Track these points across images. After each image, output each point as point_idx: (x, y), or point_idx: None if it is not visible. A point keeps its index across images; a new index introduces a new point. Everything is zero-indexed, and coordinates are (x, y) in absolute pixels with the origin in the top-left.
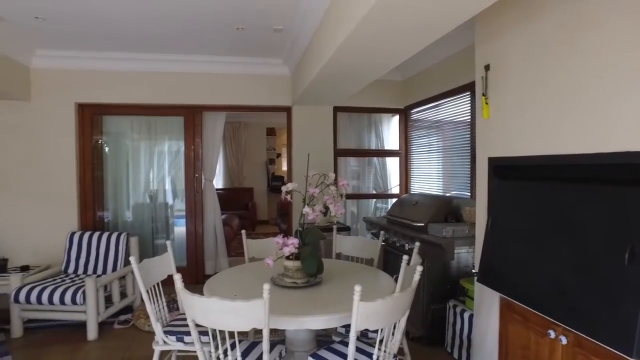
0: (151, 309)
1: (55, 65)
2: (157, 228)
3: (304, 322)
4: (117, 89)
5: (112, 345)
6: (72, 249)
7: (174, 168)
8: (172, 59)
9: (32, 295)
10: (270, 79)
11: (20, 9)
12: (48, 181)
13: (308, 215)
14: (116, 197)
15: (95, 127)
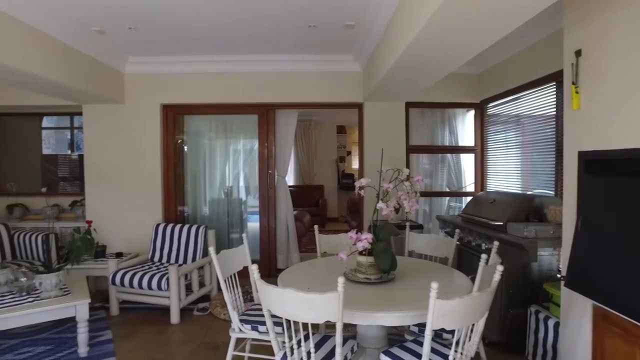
0: (228, 298)
1: (144, 70)
2: (231, 223)
3: (377, 318)
4: (197, 90)
5: (191, 330)
6: (157, 239)
7: (248, 165)
8: (246, 60)
9: (125, 279)
10: (341, 75)
11: (117, 22)
12: (138, 177)
13: (382, 210)
14: (195, 192)
15: (177, 126)
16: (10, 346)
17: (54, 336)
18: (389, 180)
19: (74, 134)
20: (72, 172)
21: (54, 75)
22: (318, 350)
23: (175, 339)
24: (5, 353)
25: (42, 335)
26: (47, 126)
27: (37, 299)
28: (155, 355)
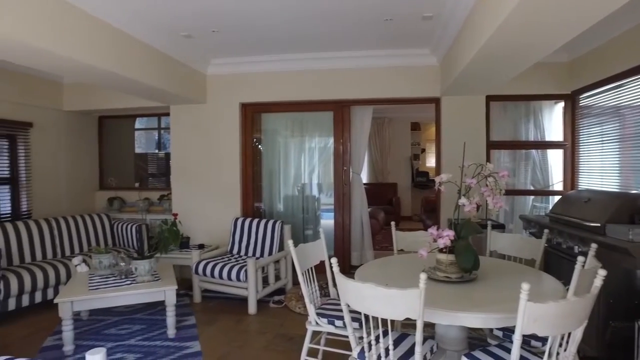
0: (306, 291)
1: (225, 71)
2: (306, 219)
3: (460, 318)
4: (274, 88)
5: (268, 321)
6: (236, 232)
7: (322, 163)
8: (322, 57)
9: (207, 269)
10: (418, 70)
11: (202, 26)
12: (219, 173)
13: (464, 206)
14: (270, 189)
15: (254, 125)
16: (113, 322)
17: (146, 317)
18: (472, 176)
19: (161, 134)
20: (159, 169)
21: (150, 80)
22: (397, 348)
23: (252, 329)
24: (110, 327)
25: (137, 316)
26: (139, 127)
27: (134, 283)
28: (234, 343)
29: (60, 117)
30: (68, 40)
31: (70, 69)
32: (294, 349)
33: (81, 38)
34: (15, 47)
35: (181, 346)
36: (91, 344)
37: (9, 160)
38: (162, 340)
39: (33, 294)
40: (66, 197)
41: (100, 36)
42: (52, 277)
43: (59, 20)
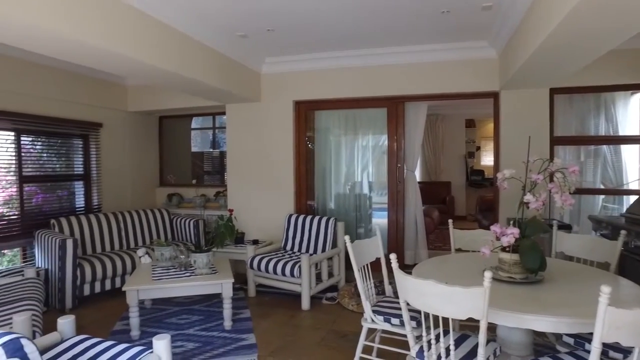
0: (362, 287)
1: (279, 69)
2: (357, 217)
3: (527, 320)
4: (327, 86)
5: (321, 317)
6: (290, 229)
7: (375, 160)
8: (375, 53)
9: (261, 264)
10: (475, 63)
11: (257, 26)
12: (273, 170)
13: (530, 203)
14: (323, 186)
15: (307, 122)
16: (174, 312)
17: (204, 309)
18: (538, 172)
19: (215, 133)
20: (213, 167)
21: (209, 79)
22: (457, 348)
23: (306, 324)
24: (170, 317)
25: (195, 307)
26: (195, 127)
27: (193, 275)
28: (288, 337)
29: (125, 118)
30: (139, 45)
31: (139, 71)
32: (347, 346)
33: (149, 42)
34: (92, 52)
35: (237, 338)
36: (154, 331)
37: (82, 158)
38: (219, 331)
39: (104, 282)
40: (130, 192)
41: (165, 39)
42: (119, 266)
43: (132, 26)
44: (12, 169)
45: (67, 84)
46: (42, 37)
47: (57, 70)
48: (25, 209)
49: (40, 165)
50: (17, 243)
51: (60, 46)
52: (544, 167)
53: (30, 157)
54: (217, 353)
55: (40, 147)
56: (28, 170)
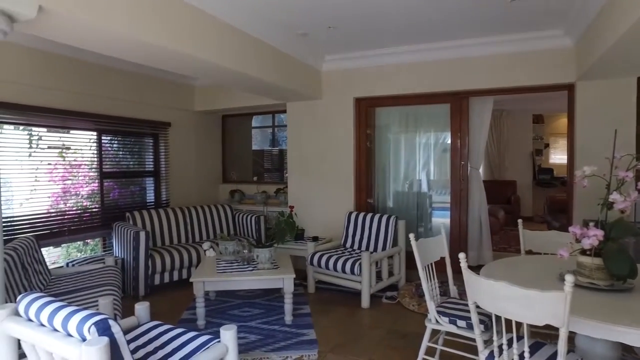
0: (426, 287)
1: (339, 66)
2: (418, 216)
3: (618, 333)
4: (388, 82)
5: (380, 316)
6: (350, 226)
7: (435, 158)
8: (437, 47)
9: (322, 260)
10: (546, 54)
11: (318, 23)
12: (333, 168)
13: (616, 203)
14: (382, 184)
15: (367, 120)
16: (236, 304)
17: (265, 303)
18: (627, 169)
19: (275, 131)
20: (273, 164)
21: (271, 78)
22: (532, 356)
23: (365, 322)
24: (233, 309)
25: (256, 301)
26: (255, 125)
27: (255, 269)
28: (348, 334)
29: (191, 117)
30: (204, 45)
31: (205, 70)
32: (408, 347)
33: (214, 42)
34: (159, 53)
35: (298, 332)
36: (219, 321)
37: (153, 156)
38: (280, 325)
39: (172, 272)
40: (195, 188)
41: (230, 39)
42: (186, 259)
43: (197, 27)
44: (94, 166)
45: (140, 86)
46: (115, 41)
47: (131, 74)
48: (105, 203)
49: (116, 162)
50: (98, 233)
51: (130, 49)
52: (633, 164)
53: (108, 155)
54: (278, 346)
55: (117, 145)
56: (107, 167)
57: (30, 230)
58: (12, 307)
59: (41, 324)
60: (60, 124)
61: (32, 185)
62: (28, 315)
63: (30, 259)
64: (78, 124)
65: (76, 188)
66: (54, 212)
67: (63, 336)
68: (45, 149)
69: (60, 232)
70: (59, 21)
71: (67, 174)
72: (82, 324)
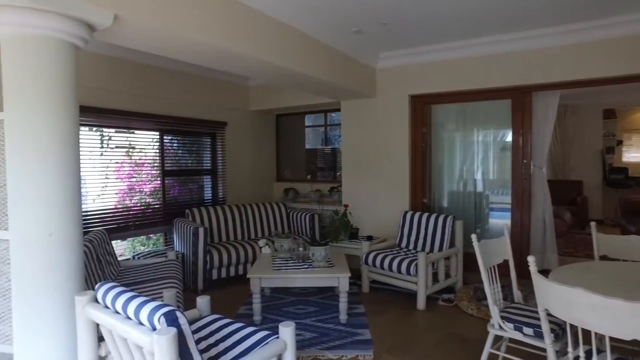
0: (489, 291)
1: (394, 63)
2: (476, 217)
3: None
4: (444, 78)
5: (437, 318)
6: (405, 226)
7: (494, 157)
8: (500, 40)
9: (377, 260)
10: (624, 41)
11: (372, 20)
12: (388, 167)
13: None
14: (438, 183)
15: (423, 117)
16: (290, 301)
17: (319, 301)
18: None
19: (327, 130)
20: (326, 163)
21: (326, 76)
22: None
23: (421, 324)
24: (288, 306)
25: (311, 298)
26: (307, 124)
27: (310, 267)
28: (403, 336)
29: (246, 116)
30: (262, 45)
31: (259, 69)
32: (467, 351)
33: (271, 42)
34: (217, 54)
35: (352, 332)
36: (274, 317)
37: (210, 155)
38: (334, 324)
39: (228, 268)
40: (250, 186)
41: (286, 39)
42: (242, 255)
43: (256, 28)
44: (157, 164)
45: (198, 87)
46: (182, 45)
47: (190, 76)
48: (166, 200)
49: (176, 161)
50: (160, 229)
51: (195, 52)
52: None
53: (169, 154)
54: (333, 345)
55: (177, 145)
56: (168, 165)
57: (100, 224)
58: (91, 295)
59: (116, 312)
60: (127, 124)
61: (103, 183)
62: (105, 302)
63: (103, 251)
64: (142, 124)
65: (140, 185)
66: (121, 207)
67: (135, 324)
68: (113, 148)
69: (126, 227)
70: (132, 28)
71: (132, 172)
72: (153, 314)
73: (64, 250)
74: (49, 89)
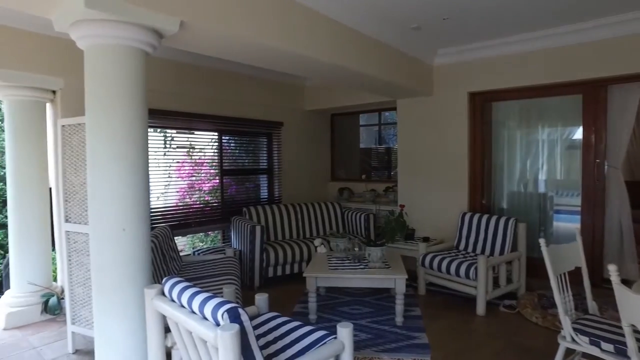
0: (559, 299)
1: (452, 60)
2: (540, 219)
3: None
4: (506, 74)
5: (498, 326)
6: (464, 227)
7: (563, 155)
8: (568, 31)
9: (434, 262)
10: None
11: (432, 15)
12: (445, 166)
13: None
14: (498, 184)
15: (483, 115)
16: (345, 301)
17: (374, 302)
18: None
19: (381, 129)
20: (380, 162)
21: (383, 74)
22: None
23: (482, 331)
24: (342, 306)
25: (366, 299)
26: (361, 124)
27: (366, 268)
28: (463, 342)
29: (302, 116)
30: (319, 45)
31: (318, 70)
32: None
33: (328, 41)
34: (272, 54)
35: (409, 335)
36: (329, 317)
37: (266, 154)
38: (390, 326)
39: (284, 266)
40: (305, 186)
41: (342, 38)
42: (297, 254)
43: (312, 28)
44: (215, 164)
45: (255, 88)
46: (243, 47)
47: (247, 77)
48: (224, 198)
49: (233, 160)
50: (218, 226)
51: (255, 53)
52: None
53: (227, 153)
54: (389, 347)
55: (234, 144)
56: (226, 164)
57: (163, 221)
58: (159, 288)
59: (181, 305)
60: (188, 125)
61: (166, 181)
62: (171, 296)
63: (167, 247)
64: (202, 125)
65: (199, 184)
66: (182, 205)
67: (200, 319)
68: (175, 148)
69: (186, 224)
70: (196, 33)
71: (192, 171)
72: (216, 310)
73: (135, 245)
74: (122, 95)
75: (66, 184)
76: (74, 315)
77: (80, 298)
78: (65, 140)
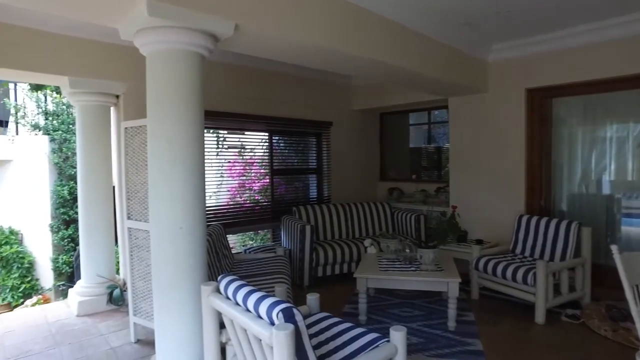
0: (636, 312)
1: (508, 55)
2: (606, 223)
3: None
4: (571, 67)
5: (560, 337)
6: (520, 231)
7: (635, 155)
8: (630, 20)
9: (488, 266)
10: None
11: (485, 10)
12: (500, 166)
13: None
14: (558, 184)
15: (542, 112)
16: (395, 303)
17: (425, 305)
18: None
19: (431, 128)
20: (430, 162)
21: (435, 72)
22: None
23: (542, 341)
24: (392, 308)
25: (416, 302)
26: (411, 123)
27: (418, 270)
28: (521, 352)
29: (350, 116)
30: (368, 43)
31: (368, 68)
32: None
33: (377, 39)
34: (321, 53)
35: (462, 341)
36: (379, 318)
37: (316, 154)
38: (442, 330)
39: (333, 266)
40: (354, 185)
41: (391, 35)
42: (347, 254)
43: (361, 26)
44: (265, 164)
45: (304, 89)
46: (295, 48)
47: (296, 78)
48: (274, 197)
49: (283, 160)
50: (268, 225)
51: (306, 54)
52: None
53: (277, 153)
54: (441, 353)
55: (284, 144)
56: (276, 164)
57: (215, 219)
58: (215, 285)
59: (236, 303)
60: (239, 126)
61: (218, 180)
62: (227, 293)
63: (220, 245)
64: (253, 126)
65: (250, 183)
66: (233, 204)
67: (255, 317)
68: (227, 148)
69: (237, 222)
70: (251, 36)
71: (243, 171)
72: (271, 309)
73: (191, 242)
74: (181, 97)
75: (128, 183)
76: (135, 307)
77: (140, 291)
78: (127, 142)
